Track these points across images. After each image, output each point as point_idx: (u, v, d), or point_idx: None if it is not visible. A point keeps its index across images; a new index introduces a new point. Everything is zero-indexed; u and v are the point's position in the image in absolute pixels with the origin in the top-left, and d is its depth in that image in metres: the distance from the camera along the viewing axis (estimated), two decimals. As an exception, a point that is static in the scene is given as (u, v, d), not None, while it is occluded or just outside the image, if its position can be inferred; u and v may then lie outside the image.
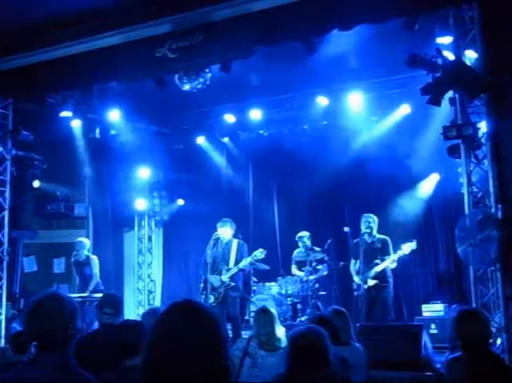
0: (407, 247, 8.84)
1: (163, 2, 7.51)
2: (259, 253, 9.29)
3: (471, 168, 7.15)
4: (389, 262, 8.88)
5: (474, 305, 6.99)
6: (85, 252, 10.30)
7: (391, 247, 8.98)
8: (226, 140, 11.91)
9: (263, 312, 6.00)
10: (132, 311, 11.98)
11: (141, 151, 11.79)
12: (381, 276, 8.90)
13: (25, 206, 11.17)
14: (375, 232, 9.14)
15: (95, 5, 7.55)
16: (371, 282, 8.90)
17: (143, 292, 12.54)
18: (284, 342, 5.72)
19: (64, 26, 7.93)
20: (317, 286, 9.96)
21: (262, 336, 5.77)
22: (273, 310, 6.10)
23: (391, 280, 9.00)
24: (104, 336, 4.94)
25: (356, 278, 9.11)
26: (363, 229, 9.13)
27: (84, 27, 7.92)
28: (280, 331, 5.89)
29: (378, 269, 8.88)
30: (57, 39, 8.17)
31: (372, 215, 9.18)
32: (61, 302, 2.79)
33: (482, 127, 6.91)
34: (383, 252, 8.96)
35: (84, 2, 7.51)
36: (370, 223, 9.10)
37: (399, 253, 8.87)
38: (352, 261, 9.28)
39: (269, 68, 8.76)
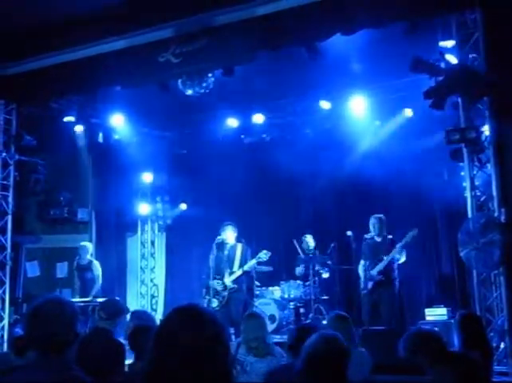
0: (410, 236, 8.86)
1: (166, 8, 7.53)
2: (263, 254, 9.32)
3: (474, 172, 7.15)
4: (394, 254, 8.90)
5: (477, 308, 6.99)
6: (88, 256, 10.31)
7: (397, 246, 8.99)
8: (228, 144, 11.90)
9: (252, 317, 5.88)
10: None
11: (144, 155, 11.82)
12: (387, 274, 8.90)
13: (28, 211, 11.19)
14: (384, 232, 9.19)
15: (98, 10, 7.59)
16: (376, 278, 8.94)
17: (145, 297, 12.54)
18: (272, 348, 5.68)
19: (67, 32, 7.97)
20: (319, 290, 9.94)
21: (252, 341, 5.58)
22: (263, 315, 6.03)
23: (396, 283, 9.00)
24: (92, 339, 4.99)
25: (363, 275, 9.15)
26: (370, 229, 9.22)
27: (87, 32, 7.96)
28: (269, 337, 5.82)
29: (383, 264, 8.92)
30: (60, 44, 8.21)
31: (380, 216, 9.24)
32: (60, 305, 2.78)
33: (485, 130, 6.92)
34: (389, 249, 8.97)
35: (88, 8, 7.54)
36: (376, 224, 9.18)
37: (402, 243, 8.90)
38: (362, 262, 9.27)
39: (271, 72, 8.78)
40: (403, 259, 9.05)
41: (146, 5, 7.54)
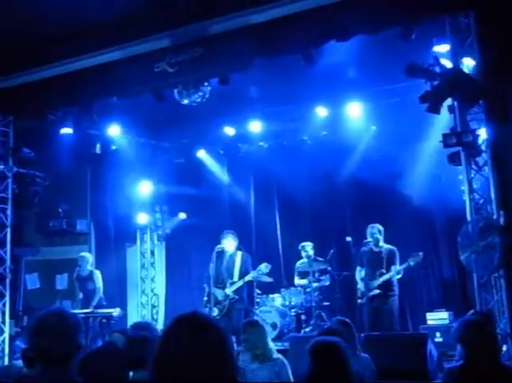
0: (414, 260, 8.75)
1: (161, 17, 7.55)
2: (264, 267, 9.30)
3: (472, 175, 7.16)
4: (394, 273, 8.84)
5: (478, 312, 6.97)
6: (88, 267, 10.28)
7: (397, 258, 8.93)
8: (226, 152, 11.93)
9: (253, 325, 5.87)
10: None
11: (142, 165, 11.85)
12: (386, 286, 8.86)
13: (27, 223, 11.17)
14: (381, 243, 9.10)
15: (94, 21, 7.60)
16: (375, 292, 8.88)
17: (146, 307, 12.49)
18: (275, 353, 5.68)
19: (63, 43, 7.97)
20: (320, 296, 9.92)
21: (257, 349, 5.61)
22: (262, 322, 6.02)
23: (396, 289, 8.95)
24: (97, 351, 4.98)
25: (361, 285, 9.11)
26: (368, 239, 9.14)
27: (83, 43, 7.97)
28: (271, 343, 5.83)
29: (383, 279, 8.84)
30: (56, 56, 8.21)
31: (377, 226, 9.14)
32: (63, 317, 2.79)
33: (482, 134, 6.93)
34: (389, 262, 8.91)
35: (83, 19, 7.55)
36: (374, 234, 9.07)
37: (404, 265, 8.82)
38: (358, 268, 9.24)
39: (267, 80, 8.79)
40: (398, 276, 8.99)
41: (141, 16, 7.55)
